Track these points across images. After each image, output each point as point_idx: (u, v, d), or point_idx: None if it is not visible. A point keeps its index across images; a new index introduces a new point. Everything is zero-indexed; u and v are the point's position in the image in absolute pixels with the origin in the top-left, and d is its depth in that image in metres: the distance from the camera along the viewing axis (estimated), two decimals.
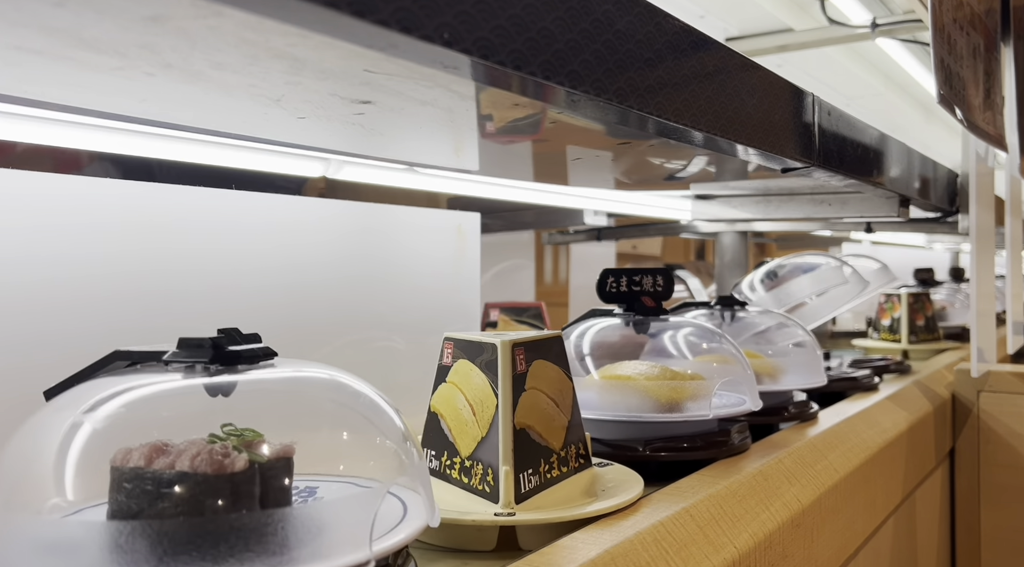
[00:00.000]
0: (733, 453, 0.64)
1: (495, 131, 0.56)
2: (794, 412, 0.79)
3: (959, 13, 0.87)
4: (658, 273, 0.69)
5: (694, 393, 0.62)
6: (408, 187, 0.90)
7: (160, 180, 0.59)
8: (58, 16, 0.30)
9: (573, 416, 0.53)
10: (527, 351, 0.49)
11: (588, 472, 0.53)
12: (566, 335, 0.66)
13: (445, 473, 0.50)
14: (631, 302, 0.69)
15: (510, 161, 0.75)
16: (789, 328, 0.85)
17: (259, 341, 0.39)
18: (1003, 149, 1.07)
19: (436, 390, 0.51)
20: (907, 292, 1.46)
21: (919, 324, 1.44)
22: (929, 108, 2.39)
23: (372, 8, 0.30)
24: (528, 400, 0.49)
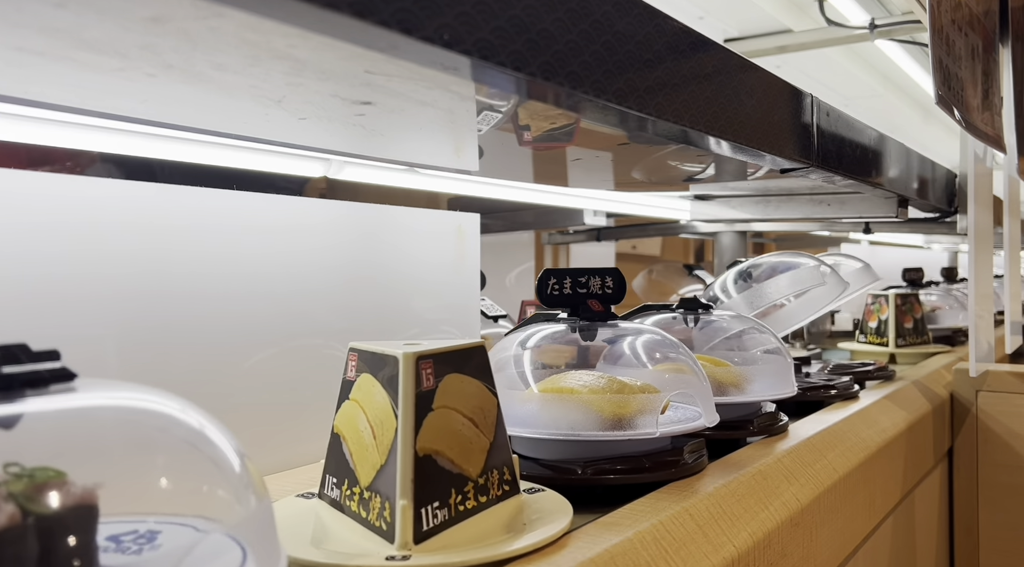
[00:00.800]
0: (685, 475, 0.58)
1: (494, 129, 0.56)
2: (760, 425, 0.72)
3: (957, 14, 0.87)
4: (607, 273, 0.63)
5: (642, 408, 0.55)
6: (408, 187, 0.90)
7: (161, 180, 0.59)
8: (59, 17, 0.31)
9: (497, 437, 0.45)
10: (437, 364, 0.42)
11: (514, 501, 0.46)
12: (502, 346, 0.61)
13: (344, 504, 0.44)
14: (576, 306, 0.62)
15: (510, 162, 0.75)
16: (757, 333, 0.79)
17: (56, 358, 0.31)
18: (1001, 150, 1.07)
19: (339, 408, 0.45)
20: (895, 293, 1.41)
21: (907, 327, 1.38)
22: (927, 109, 2.39)
23: (373, 9, 0.30)
24: (437, 421, 0.42)
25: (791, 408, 0.84)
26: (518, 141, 0.64)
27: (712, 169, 0.84)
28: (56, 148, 0.60)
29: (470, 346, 0.45)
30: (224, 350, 0.62)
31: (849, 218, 1.16)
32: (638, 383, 0.57)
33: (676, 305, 0.79)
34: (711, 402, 0.61)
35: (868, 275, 1.11)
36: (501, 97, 0.48)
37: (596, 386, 0.56)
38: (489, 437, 0.45)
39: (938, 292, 1.68)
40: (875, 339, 1.39)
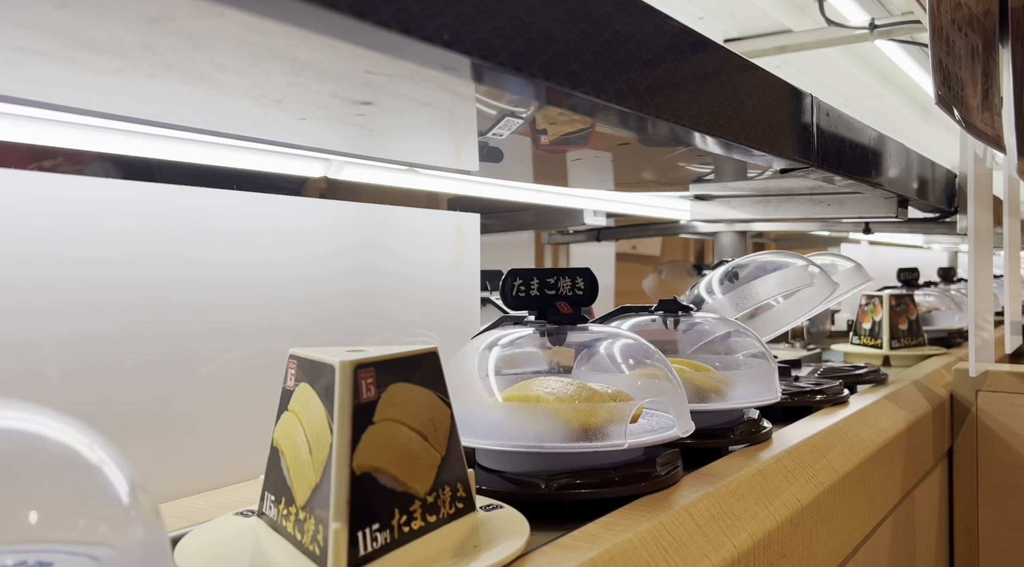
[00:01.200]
0: (657, 488, 0.55)
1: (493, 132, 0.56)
2: (741, 434, 0.68)
3: (957, 14, 0.87)
4: (577, 274, 0.60)
5: (611, 417, 0.52)
6: (408, 187, 0.91)
7: (161, 180, 0.59)
8: (59, 17, 0.31)
9: (449, 450, 0.42)
10: (379, 373, 0.39)
11: (468, 520, 0.42)
12: (465, 352, 0.58)
13: (281, 525, 0.40)
14: (544, 308, 0.59)
15: (510, 162, 0.75)
16: (740, 337, 0.75)
17: None
18: (1001, 150, 1.07)
19: (278, 419, 0.42)
20: (889, 294, 1.37)
21: (902, 328, 1.35)
22: (927, 109, 2.39)
23: (373, 9, 0.30)
24: (378, 436, 0.38)
25: (778, 414, 0.82)
26: (535, 145, 0.64)
27: (712, 169, 0.84)
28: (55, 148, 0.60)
29: (419, 353, 0.41)
30: (224, 350, 0.62)
31: (849, 218, 1.16)
32: (609, 390, 0.54)
33: (655, 307, 0.76)
34: (686, 410, 0.58)
35: (860, 275, 1.08)
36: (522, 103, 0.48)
37: (564, 394, 0.52)
38: (440, 451, 0.41)
39: (935, 293, 1.65)
40: (869, 341, 1.36)
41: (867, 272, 1.07)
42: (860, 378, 1.02)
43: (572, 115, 0.50)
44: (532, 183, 1.05)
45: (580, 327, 0.59)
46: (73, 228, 0.53)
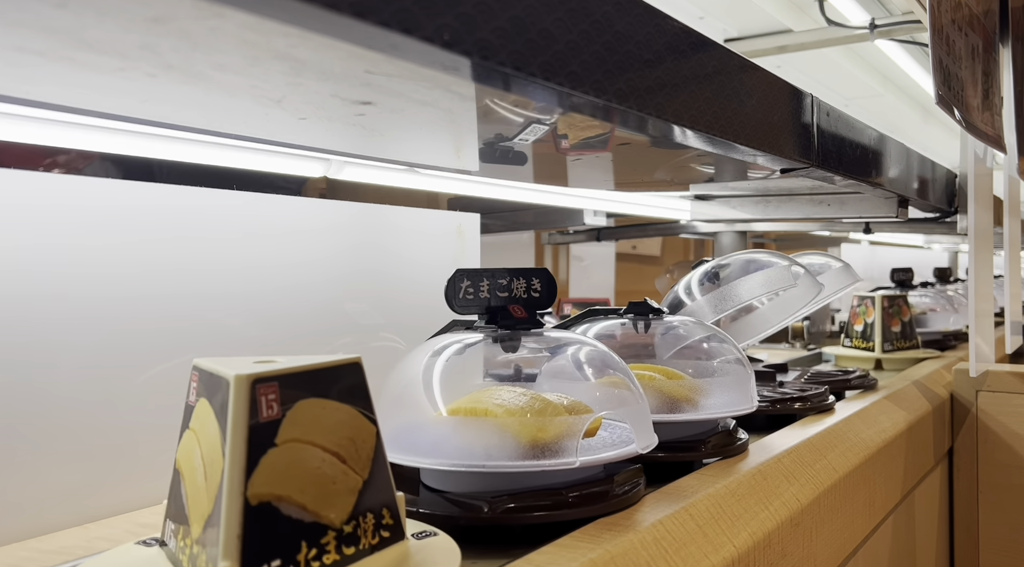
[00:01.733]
0: (614, 509, 0.50)
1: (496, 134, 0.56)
2: (714, 446, 0.64)
3: (957, 14, 0.87)
4: (534, 274, 0.55)
5: (562, 432, 0.47)
6: (408, 187, 0.91)
7: (161, 180, 0.59)
8: (59, 17, 0.31)
9: (374, 473, 0.37)
10: (285, 388, 0.34)
11: (395, 550, 0.38)
12: (408, 362, 0.53)
13: (178, 559, 0.36)
14: (495, 312, 0.54)
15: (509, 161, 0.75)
16: (714, 341, 0.71)
17: None
18: (1001, 150, 1.07)
19: (181, 438, 0.38)
20: (881, 295, 1.33)
21: (894, 330, 1.30)
22: (928, 109, 2.39)
23: (373, 9, 0.30)
24: (282, 459, 0.34)
25: (761, 422, 0.79)
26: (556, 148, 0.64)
27: (713, 169, 0.84)
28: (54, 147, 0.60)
29: (336, 364, 0.37)
30: (223, 351, 0.62)
31: (849, 218, 1.16)
32: (564, 402, 0.50)
33: (624, 310, 0.71)
34: (647, 422, 0.54)
35: (848, 276, 1.03)
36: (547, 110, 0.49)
37: (514, 406, 0.48)
38: (362, 474, 0.37)
39: (930, 294, 1.61)
40: (861, 343, 1.32)
41: (855, 272, 1.04)
42: (848, 383, 0.98)
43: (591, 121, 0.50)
44: (532, 183, 1.05)
45: (535, 332, 0.54)
46: (73, 228, 0.53)
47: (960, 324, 1.57)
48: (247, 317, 0.64)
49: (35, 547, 0.49)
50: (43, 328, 0.52)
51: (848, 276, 1.03)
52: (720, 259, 0.93)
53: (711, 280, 0.89)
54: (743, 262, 0.91)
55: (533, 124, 0.52)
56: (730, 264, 0.92)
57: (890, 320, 1.31)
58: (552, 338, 0.56)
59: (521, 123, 0.52)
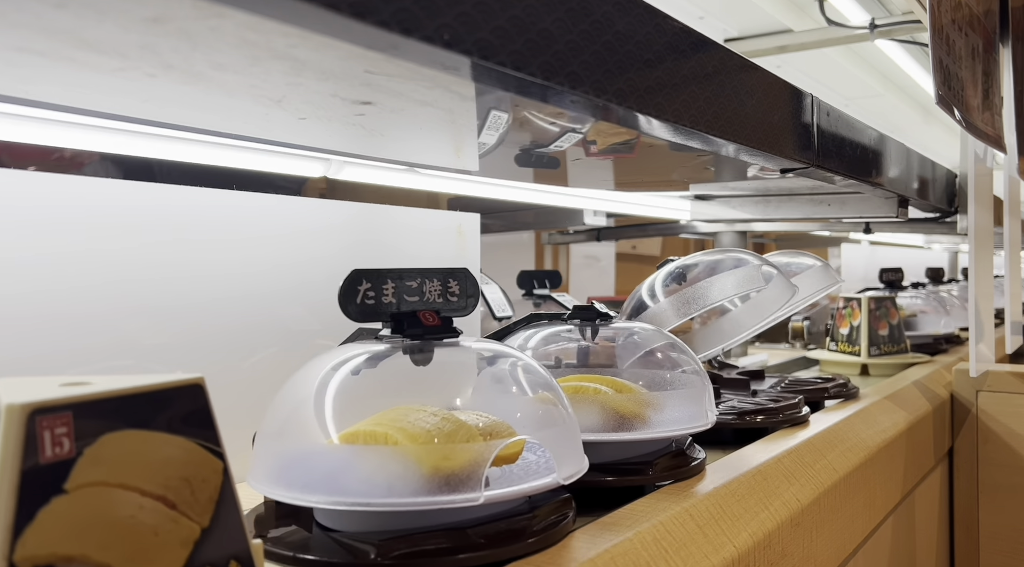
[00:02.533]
0: (534, 549, 0.43)
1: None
2: (663, 469, 0.57)
3: (958, 14, 0.87)
4: (450, 276, 0.48)
5: (469, 460, 0.40)
6: (408, 187, 0.91)
7: (161, 180, 0.59)
8: (59, 17, 0.31)
9: (219, 519, 0.31)
10: (85, 418, 0.27)
11: None
12: (299, 380, 0.46)
13: None
14: (402, 320, 0.47)
15: (510, 162, 0.75)
16: (669, 349, 0.65)
17: None
18: (1001, 150, 1.07)
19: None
20: (868, 296, 1.25)
21: (881, 334, 1.24)
22: (928, 109, 2.39)
23: (373, 9, 0.30)
24: (74, 509, 0.27)
25: (728, 436, 0.74)
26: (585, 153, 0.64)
27: (711, 168, 0.84)
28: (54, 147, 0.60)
29: (166, 387, 0.30)
30: (224, 351, 0.62)
31: (849, 218, 1.16)
32: (482, 424, 0.43)
33: (568, 314, 0.65)
34: (575, 445, 0.47)
35: (826, 277, 0.96)
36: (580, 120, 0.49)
37: (418, 429, 0.41)
38: (201, 520, 0.30)
39: (922, 295, 1.54)
40: (846, 347, 1.26)
41: (834, 273, 0.97)
42: (826, 393, 0.92)
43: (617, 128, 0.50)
44: (532, 183, 1.05)
45: (449, 342, 0.47)
46: (73, 228, 0.53)
47: (952, 327, 1.51)
48: (246, 319, 0.64)
49: None
50: (43, 328, 0.52)
51: (826, 277, 0.96)
52: (686, 258, 0.85)
53: (676, 281, 0.81)
54: (711, 262, 0.83)
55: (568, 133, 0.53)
56: (697, 264, 0.84)
57: (877, 323, 1.24)
58: (470, 348, 0.49)
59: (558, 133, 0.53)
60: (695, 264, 0.84)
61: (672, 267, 0.84)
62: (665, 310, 0.79)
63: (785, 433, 0.75)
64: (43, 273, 0.52)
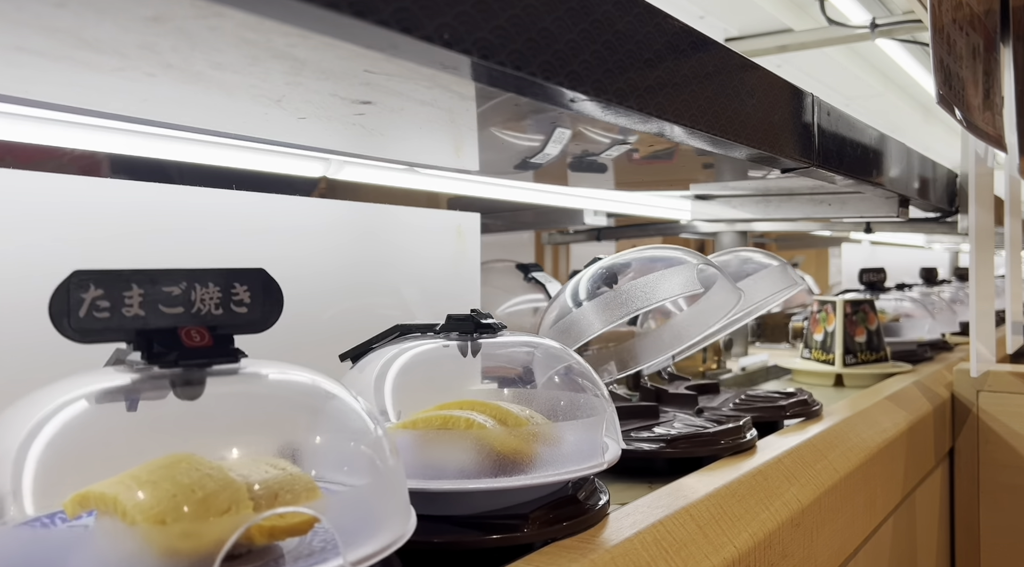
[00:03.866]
0: None
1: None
2: (543, 522, 0.45)
3: (958, 14, 0.87)
4: (236, 278, 0.36)
5: (214, 539, 0.30)
6: (408, 187, 0.90)
7: (160, 180, 0.59)
8: (59, 16, 0.30)
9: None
10: None
11: None
12: None
13: None
14: (152, 339, 0.34)
15: (510, 161, 0.75)
16: (562, 369, 0.54)
17: None
18: (1002, 149, 1.07)
19: None
20: (843, 299, 1.15)
21: (858, 341, 1.13)
22: (928, 108, 2.39)
23: (372, 8, 0.30)
24: None
25: (660, 466, 0.63)
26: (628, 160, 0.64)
27: (712, 168, 0.84)
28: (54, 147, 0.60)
29: None
30: None
31: (850, 218, 1.16)
32: (258, 487, 0.33)
33: (441, 326, 0.54)
34: (396, 504, 0.37)
35: (783, 278, 0.85)
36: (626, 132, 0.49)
37: (162, 494, 0.31)
38: None
39: (908, 297, 1.44)
40: (820, 355, 1.15)
41: (796, 274, 0.87)
42: (783, 411, 0.80)
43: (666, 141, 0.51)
44: (532, 182, 1.05)
45: (226, 369, 0.35)
46: (72, 228, 0.53)
47: (937, 332, 1.41)
48: None
49: None
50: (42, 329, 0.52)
51: (785, 279, 0.84)
52: (617, 256, 0.74)
53: (605, 283, 0.70)
54: (643, 261, 0.72)
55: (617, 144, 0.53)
56: (628, 264, 0.72)
57: (853, 328, 1.13)
58: (254, 377, 0.37)
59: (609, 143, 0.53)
60: (626, 264, 0.72)
61: (600, 266, 0.72)
62: (587, 316, 0.67)
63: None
64: (37, 274, 0.52)
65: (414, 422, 0.47)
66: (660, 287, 0.67)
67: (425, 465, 0.44)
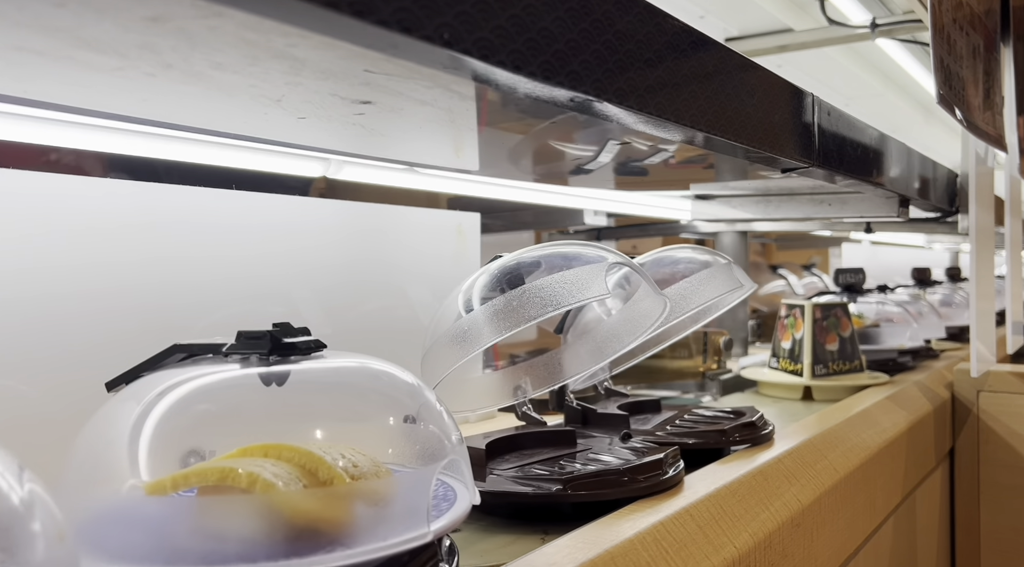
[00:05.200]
0: None
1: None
2: None
3: (959, 13, 0.87)
4: None
5: None
6: (408, 187, 0.90)
7: (160, 180, 0.59)
8: (59, 16, 0.30)
9: None
10: None
11: None
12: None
13: None
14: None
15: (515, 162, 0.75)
16: (393, 403, 0.43)
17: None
18: (1002, 149, 1.07)
19: None
20: (813, 303, 1.02)
21: (829, 349, 1.01)
22: (929, 108, 2.39)
23: (372, 8, 0.30)
24: None
25: (566, 510, 0.51)
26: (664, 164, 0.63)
27: (712, 168, 0.84)
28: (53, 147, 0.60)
29: None
30: None
31: (850, 218, 1.16)
32: None
33: (229, 346, 0.40)
34: None
35: (724, 280, 0.71)
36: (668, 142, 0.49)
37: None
38: None
39: (891, 300, 1.31)
40: (788, 365, 1.03)
41: (741, 275, 0.74)
42: (727, 437, 0.68)
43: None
44: (532, 182, 1.05)
45: None
46: (71, 228, 0.53)
47: (920, 339, 1.27)
48: (245, 318, 0.64)
49: None
50: (41, 329, 0.52)
51: (727, 281, 0.72)
52: (521, 252, 0.62)
53: (509, 284, 0.58)
54: (550, 258, 0.60)
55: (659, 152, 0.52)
56: (539, 263, 0.60)
57: (824, 335, 1.02)
58: None
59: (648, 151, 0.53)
60: (533, 263, 0.60)
61: (500, 267, 0.61)
62: (478, 324, 0.56)
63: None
64: (38, 274, 0.52)
65: (173, 480, 0.34)
66: (562, 290, 0.55)
67: (185, 540, 0.32)
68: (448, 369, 0.56)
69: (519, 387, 0.67)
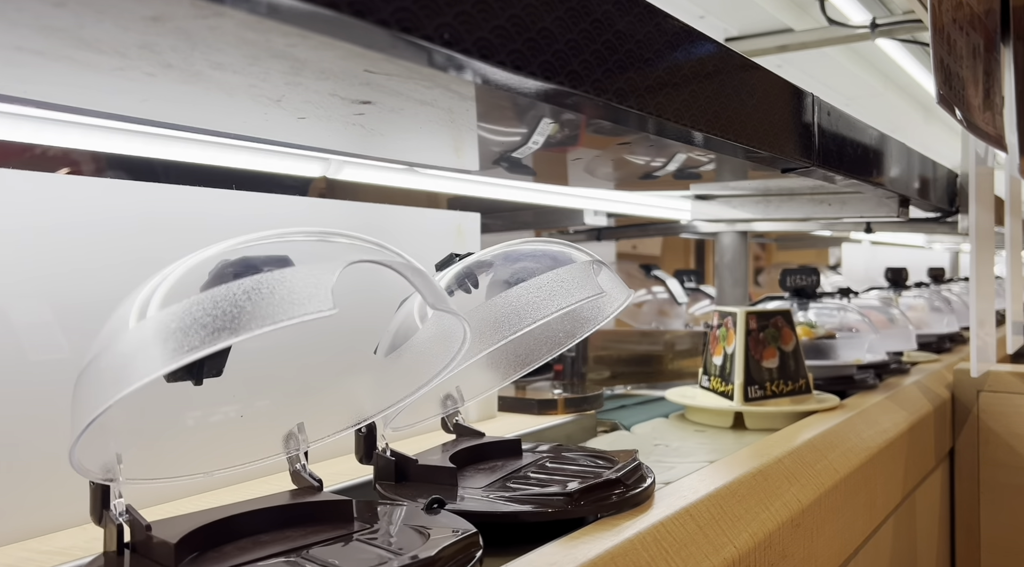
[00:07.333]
0: None
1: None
2: None
3: (959, 13, 0.87)
4: None
5: None
6: (408, 187, 0.90)
7: (160, 180, 0.59)
8: (59, 16, 0.30)
9: None
10: None
11: None
12: None
13: None
14: None
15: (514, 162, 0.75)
16: None
17: None
18: (1002, 149, 1.07)
19: None
20: (746, 311, 0.84)
21: (766, 366, 0.83)
22: (929, 108, 2.39)
23: (372, 8, 0.30)
24: None
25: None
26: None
27: (712, 168, 0.84)
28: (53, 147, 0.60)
29: None
30: None
31: (850, 218, 1.16)
32: None
33: None
34: None
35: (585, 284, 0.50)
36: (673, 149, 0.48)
37: None
38: None
39: (855, 306, 1.09)
40: (718, 385, 0.84)
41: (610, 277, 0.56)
42: (572, 501, 0.47)
43: None
44: (532, 182, 1.05)
45: None
46: (70, 228, 0.53)
47: (881, 351, 1.07)
48: None
49: (35, 547, 0.49)
50: (40, 329, 0.52)
51: (586, 286, 0.50)
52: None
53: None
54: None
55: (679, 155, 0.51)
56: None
57: (760, 350, 0.84)
58: None
59: None
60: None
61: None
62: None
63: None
64: (38, 273, 0.52)
65: None
66: None
67: None
68: None
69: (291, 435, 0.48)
